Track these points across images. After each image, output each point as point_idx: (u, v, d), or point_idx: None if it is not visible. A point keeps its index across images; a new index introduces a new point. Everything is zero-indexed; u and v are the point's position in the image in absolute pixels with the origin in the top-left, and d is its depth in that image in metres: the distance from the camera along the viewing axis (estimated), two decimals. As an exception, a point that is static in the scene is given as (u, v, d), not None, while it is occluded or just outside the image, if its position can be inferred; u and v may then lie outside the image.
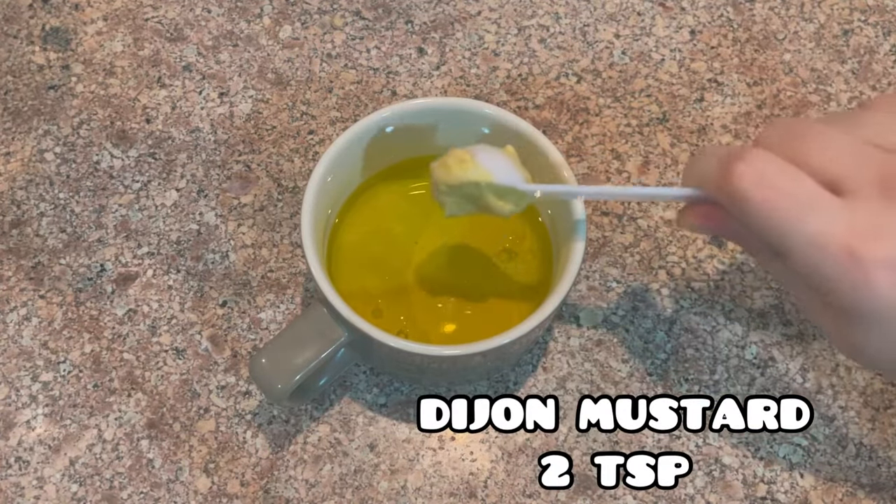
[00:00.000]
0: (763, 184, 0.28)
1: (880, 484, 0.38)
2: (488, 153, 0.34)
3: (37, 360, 0.40)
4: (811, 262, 0.28)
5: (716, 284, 0.42)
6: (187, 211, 0.43)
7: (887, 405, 0.40)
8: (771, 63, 0.47)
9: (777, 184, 0.28)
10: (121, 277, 0.42)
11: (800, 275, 0.29)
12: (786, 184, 0.28)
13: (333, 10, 0.49)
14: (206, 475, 0.38)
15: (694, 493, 0.38)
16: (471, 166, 0.33)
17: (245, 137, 0.45)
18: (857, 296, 0.28)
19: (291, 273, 0.42)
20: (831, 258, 0.28)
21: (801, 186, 0.28)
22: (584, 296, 0.42)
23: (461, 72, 0.47)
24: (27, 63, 0.47)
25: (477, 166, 0.33)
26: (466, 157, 0.33)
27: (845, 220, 0.28)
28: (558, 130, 0.45)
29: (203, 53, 0.47)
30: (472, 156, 0.33)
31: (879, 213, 0.28)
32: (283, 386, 0.34)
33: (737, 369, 0.40)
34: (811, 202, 0.28)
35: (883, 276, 0.27)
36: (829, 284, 0.28)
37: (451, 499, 0.38)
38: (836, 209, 0.28)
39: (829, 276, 0.28)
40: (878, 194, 0.28)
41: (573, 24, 0.48)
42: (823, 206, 0.28)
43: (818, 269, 0.28)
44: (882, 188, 0.28)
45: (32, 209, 0.43)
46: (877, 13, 0.49)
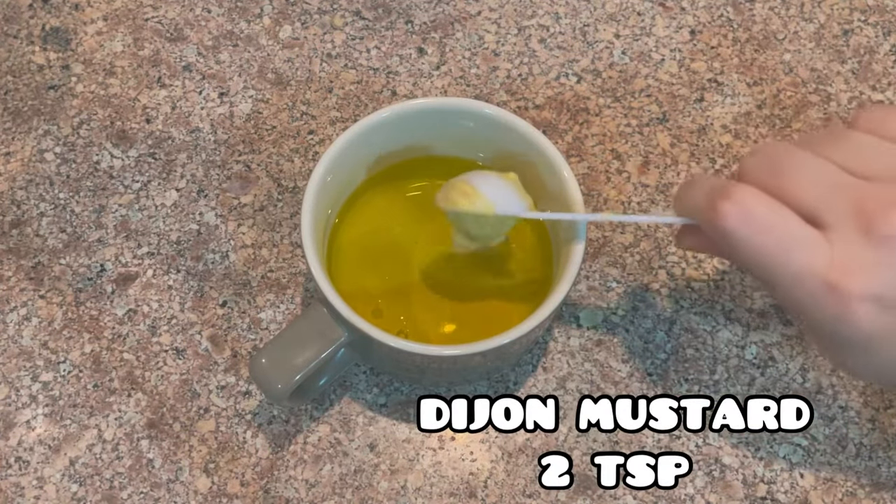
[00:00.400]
0: (747, 223, 0.29)
1: (880, 484, 0.38)
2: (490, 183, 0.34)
3: (37, 360, 0.40)
4: (794, 296, 0.30)
5: (716, 284, 0.42)
6: (187, 211, 0.43)
7: (887, 405, 0.40)
8: (771, 63, 0.47)
9: (761, 222, 0.29)
10: (121, 277, 0.42)
11: (785, 306, 0.31)
12: (770, 222, 0.29)
13: (333, 10, 0.49)
14: (206, 475, 0.38)
15: (694, 493, 0.38)
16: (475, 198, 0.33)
17: (245, 137, 0.45)
18: (840, 327, 0.29)
19: (291, 273, 0.42)
20: (814, 293, 0.29)
21: (784, 224, 0.29)
22: (584, 296, 0.42)
23: (461, 72, 0.47)
24: (27, 63, 0.47)
25: (480, 197, 0.33)
26: (469, 189, 0.33)
27: (825, 255, 0.29)
28: (558, 130, 0.45)
29: (203, 53, 0.47)
30: (475, 187, 0.33)
31: (856, 247, 0.29)
32: (283, 386, 0.34)
33: (737, 369, 0.40)
34: (794, 239, 0.29)
35: (863, 308, 0.28)
36: (813, 316, 0.30)
37: (451, 499, 0.38)
38: (817, 244, 0.29)
39: (812, 310, 0.30)
40: (853, 227, 0.29)
41: (573, 24, 0.48)
42: (805, 242, 0.29)
43: (801, 302, 0.30)
44: (857, 220, 0.29)
45: (32, 209, 0.43)
46: (877, 13, 0.49)
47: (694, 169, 0.45)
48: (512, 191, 0.34)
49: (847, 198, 0.29)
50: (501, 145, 0.39)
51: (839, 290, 0.28)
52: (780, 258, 0.29)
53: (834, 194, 0.29)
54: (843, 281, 0.28)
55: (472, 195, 0.33)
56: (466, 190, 0.34)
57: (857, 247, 0.29)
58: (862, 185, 0.29)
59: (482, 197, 0.33)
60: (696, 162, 0.45)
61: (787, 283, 0.29)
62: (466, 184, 0.34)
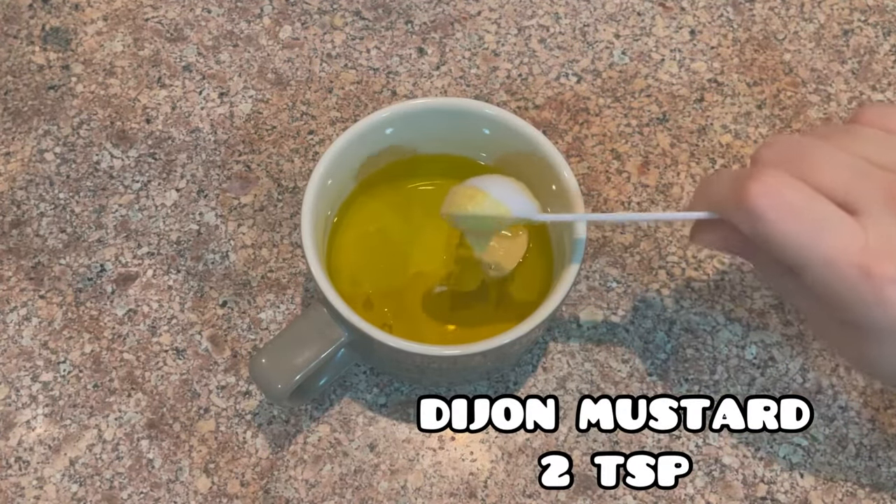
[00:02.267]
0: (779, 203, 0.29)
1: (880, 484, 0.38)
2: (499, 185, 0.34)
3: (37, 360, 0.40)
4: (826, 280, 0.29)
5: (716, 284, 0.42)
6: (187, 211, 0.43)
7: (887, 405, 0.40)
8: (771, 63, 0.47)
9: (792, 203, 0.29)
10: (121, 277, 0.42)
11: (813, 291, 0.30)
12: (801, 203, 0.29)
13: (333, 10, 0.49)
14: (206, 475, 0.38)
15: (694, 493, 0.38)
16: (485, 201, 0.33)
17: (245, 137, 0.45)
18: (870, 312, 0.29)
19: (291, 273, 0.42)
20: (845, 276, 0.29)
21: (817, 205, 0.29)
22: (584, 296, 0.42)
23: (461, 72, 0.47)
24: (27, 63, 0.47)
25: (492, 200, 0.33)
26: (478, 194, 0.33)
27: (859, 238, 0.29)
28: (558, 130, 0.45)
29: (203, 53, 0.47)
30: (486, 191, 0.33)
31: (892, 232, 0.28)
32: (283, 386, 0.34)
33: (737, 369, 0.40)
34: (826, 221, 0.29)
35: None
36: (843, 301, 0.29)
37: (451, 499, 0.38)
38: (850, 228, 0.29)
39: (842, 293, 0.29)
40: (887, 213, 0.29)
41: (573, 24, 0.48)
42: (837, 224, 0.29)
43: (832, 286, 0.29)
44: (890, 207, 0.29)
45: (32, 209, 0.43)
46: (877, 13, 0.49)
47: (694, 169, 0.45)
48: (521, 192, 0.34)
49: (876, 184, 0.29)
50: (501, 145, 0.39)
51: (873, 274, 0.28)
52: (812, 241, 0.29)
53: (863, 180, 0.29)
54: (878, 265, 0.28)
55: (477, 197, 0.33)
56: (472, 192, 0.34)
57: (891, 231, 0.28)
58: (887, 173, 0.29)
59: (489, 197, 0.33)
60: (696, 162, 0.45)
61: (818, 267, 0.29)
62: (473, 187, 0.34)
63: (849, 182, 0.29)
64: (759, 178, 0.29)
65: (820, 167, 0.29)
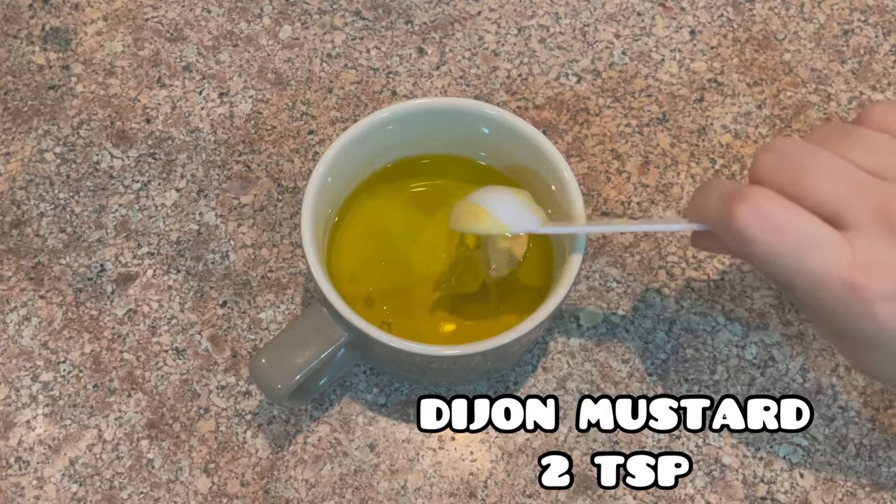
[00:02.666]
0: (764, 224, 0.29)
1: (880, 484, 0.38)
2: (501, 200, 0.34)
3: (37, 360, 0.40)
4: (814, 297, 0.29)
5: (716, 284, 0.42)
6: (187, 211, 0.43)
7: (887, 405, 0.40)
8: (771, 63, 0.47)
9: (779, 223, 0.29)
10: (121, 277, 0.42)
11: (805, 307, 0.31)
12: (787, 223, 0.29)
13: (333, 10, 0.49)
14: (206, 475, 0.38)
15: (694, 493, 0.38)
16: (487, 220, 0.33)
17: (245, 137, 0.45)
18: (860, 326, 0.29)
19: (291, 273, 0.42)
20: (834, 293, 0.29)
21: (803, 224, 0.29)
22: (584, 296, 0.42)
23: (461, 72, 0.47)
24: (27, 63, 0.47)
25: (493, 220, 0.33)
26: (481, 212, 0.33)
27: (845, 254, 0.29)
28: (558, 130, 0.45)
29: (203, 53, 0.47)
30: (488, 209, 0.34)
31: (879, 248, 0.29)
32: (283, 386, 0.34)
33: (737, 369, 0.40)
34: (812, 240, 0.29)
35: (885, 308, 0.28)
36: (833, 316, 0.30)
37: (451, 499, 0.38)
38: (836, 244, 0.29)
39: (831, 309, 0.29)
40: (877, 228, 0.29)
41: (573, 24, 0.48)
42: (823, 242, 0.29)
43: (821, 302, 0.29)
44: (881, 221, 0.29)
45: (32, 209, 0.43)
46: (877, 13, 0.49)
47: (694, 169, 0.45)
48: (523, 205, 0.34)
49: (868, 197, 0.29)
50: (501, 145, 0.39)
51: (861, 289, 0.28)
52: (798, 259, 0.29)
53: (854, 194, 0.29)
54: (865, 280, 0.28)
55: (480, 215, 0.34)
56: (475, 210, 0.34)
57: (879, 246, 0.29)
58: (882, 185, 0.29)
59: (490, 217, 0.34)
60: (696, 162, 0.45)
61: (806, 284, 0.29)
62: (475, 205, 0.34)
63: (842, 195, 0.29)
64: (745, 200, 0.29)
65: (814, 178, 0.30)
